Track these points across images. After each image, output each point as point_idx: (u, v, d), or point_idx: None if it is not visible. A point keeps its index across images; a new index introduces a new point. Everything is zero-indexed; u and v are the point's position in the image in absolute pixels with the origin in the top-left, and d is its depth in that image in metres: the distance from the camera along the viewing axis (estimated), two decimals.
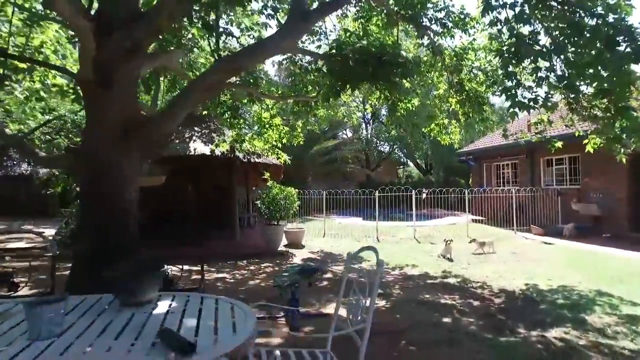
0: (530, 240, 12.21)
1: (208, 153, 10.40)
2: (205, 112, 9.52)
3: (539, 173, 15.66)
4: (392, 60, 5.92)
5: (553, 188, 14.68)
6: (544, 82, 4.99)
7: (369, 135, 30.48)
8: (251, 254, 10.01)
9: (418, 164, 36.75)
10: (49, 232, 11.21)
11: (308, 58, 8.23)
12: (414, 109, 8.67)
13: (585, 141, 6.40)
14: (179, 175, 14.55)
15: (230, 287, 7.07)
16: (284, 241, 11.85)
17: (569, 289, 6.50)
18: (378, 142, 31.38)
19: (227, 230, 11.91)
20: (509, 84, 5.00)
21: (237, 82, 7.91)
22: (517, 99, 4.79)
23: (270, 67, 48.87)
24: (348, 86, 6.61)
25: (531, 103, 4.85)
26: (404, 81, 7.59)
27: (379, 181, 32.24)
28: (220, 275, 7.96)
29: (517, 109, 4.82)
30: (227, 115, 8.93)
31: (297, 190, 11.10)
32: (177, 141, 10.81)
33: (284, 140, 11.04)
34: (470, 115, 8.22)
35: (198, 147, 10.56)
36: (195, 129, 11.58)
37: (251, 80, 8.18)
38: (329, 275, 7.94)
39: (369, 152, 30.54)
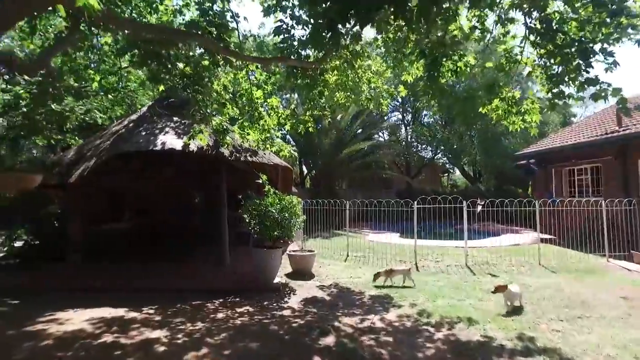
0: (637, 274, 8.49)
1: (178, 148, 7.70)
2: (161, 88, 6.81)
3: (637, 179, 11.72)
4: None
5: None
6: None
7: (408, 137, 26.94)
8: (231, 290, 7.15)
9: (465, 170, 32.71)
10: None
11: None
12: (466, 69, 5.52)
13: None
14: (160, 180, 12.16)
15: None
16: (288, 268, 8.92)
17: None
18: (419, 145, 27.76)
19: (217, 250, 9.19)
20: None
21: (187, 31, 5.14)
22: None
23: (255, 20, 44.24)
24: (350, 15, 3.69)
25: None
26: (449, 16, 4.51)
27: (420, 190, 28.68)
28: (148, 333, 5.07)
29: None
30: (189, 90, 6.19)
31: (299, 199, 8.12)
32: (144, 133, 8.22)
33: (287, 127, 8.19)
34: (568, 78, 4.87)
35: (168, 140, 7.89)
36: (174, 119, 8.96)
37: (212, 29, 5.36)
38: (331, 338, 4.89)
39: (409, 157, 27.05)
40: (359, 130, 22.92)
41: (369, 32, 18.39)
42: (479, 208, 11.41)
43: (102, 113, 13.55)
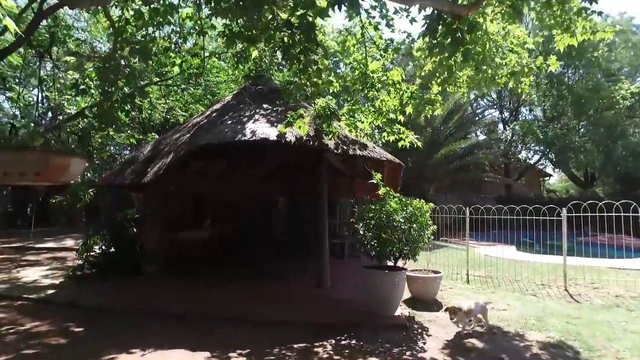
0: None
1: (272, 138, 6.02)
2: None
3: None
4: None
5: None
6: None
7: (509, 136, 23.43)
8: (339, 325, 5.26)
9: (573, 174, 28.19)
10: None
11: None
12: None
13: None
14: (246, 182, 10.72)
15: None
16: (405, 293, 6.85)
17: None
18: (521, 144, 24.05)
19: (311, 266, 7.44)
20: None
21: None
22: None
23: None
24: None
25: None
26: None
27: (522, 195, 25.03)
28: None
29: None
30: (295, 51, 4.42)
31: (430, 204, 6.01)
32: (229, 122, 6.70)
33: (409, 109, 6.24)
34: None
35: (259, 129, 6.26)
36: (264, 106, 7.39)
37: None
38: None
39: (511, 158, 23.59)
40: (453, 129, 20.19)
41: None
42: None
43: (183, 111, 12.63)
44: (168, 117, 11.63)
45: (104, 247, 7.56)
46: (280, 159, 8.66)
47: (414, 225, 5.64)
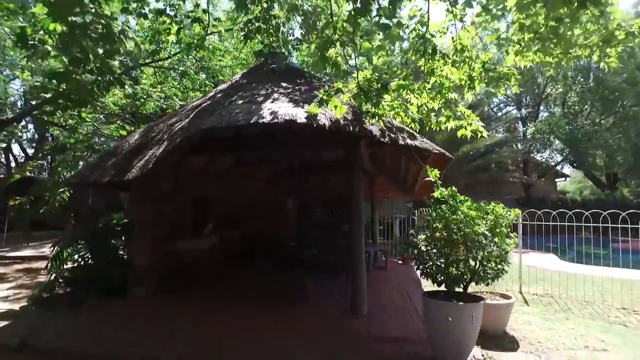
0: None
1: (300, 120, 4.47)
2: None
3: None
4: None
5: None
6: None
7: (532, 133, 21.80)
8: None
9: (594, 174, 26.67)
10: None
11: None
12: None
13: None
14: (259, 180, 9.13)
15: None
16: None
17: None
18: (546, 143, 22.44)
19: (334, 282, 5.92)
20: None
21: None
22: None
23: None
24: None
25: None
26: None
27: (543, 197, 23.55)
28: None
29: None
30: None
31: (515, 210, 4.45)
32: (240, 101, 5.15)
33: (477, 85, 4.76)
34: None
35: (281, 109, 4.69)
36: (283, 84, 5.84)
37: None
38: None
39: (533, 156, 22.03)
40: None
41: None
42: None
43: (182, 100, 11.06)
44: (164, 106, 10.07)
45: (82, 261, 5.98)
46: (303, 152, 7.11)
47: (496, 239, 4.11)
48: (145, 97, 10.15)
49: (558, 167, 27.34)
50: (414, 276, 9.21)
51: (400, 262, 10.72)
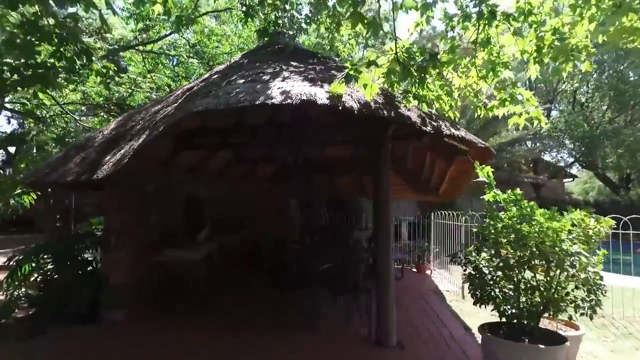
0: None
1: (322, 101, 3.42)
2: None
3: None
4: None
5: None
6: None
7: (546, 131, 20.73)
8: None
9: (605, 175, 25.66)
10: None
11: None
12: None
13: None
14: (261, 176, 8.04)
15: None
16: None
17: None
18: (561, 141, 21.33)
19: (358, 304, 4.88)
20: None
21: None
22: None
23: None
24: None
25: None
26: None
27: (554, 198, 22.56)
28: None
29: None
30: None
31: (607, 219, 3.44)
32: (241, 80, 4.09)
33: (545, 58, 3.73)
34: None
35: (295, 88, 3.64)
36: (293, 63, 4.79)
37: None
38: None
39: (545, 155, 21.03)
40: (485, 122, 17.59)
41: None
42: None
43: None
44: (155, 96, 9.01)
45: (45, 278, 4.90)
46: (316, 145, 6.06)
47: (593, 259, 3.07)
48: (133, 87, 9.07)
49: (568, 167, 26.39)
50: (432, 286, 8.20)
51: (414, 269, 9.74)
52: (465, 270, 3.62)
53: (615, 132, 17.35)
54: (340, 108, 3.38)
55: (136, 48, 7.63)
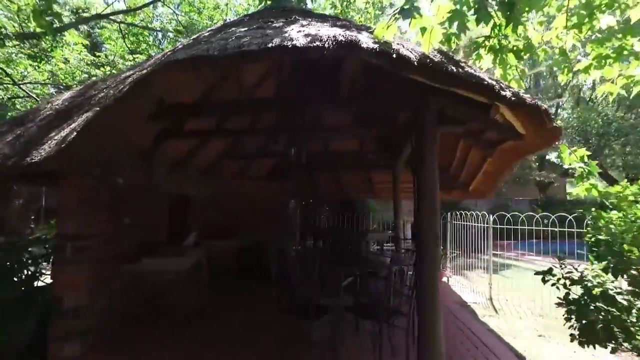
0: None
1: (366, 44, 2.29)
2: None
3: None
4: None
5: None
6: None
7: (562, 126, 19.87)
8: None
9: (610, 174, 24.86)
10: None
11: None
12: None
13: None
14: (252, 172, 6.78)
15: None
16: None
17: None
18: (569, 140, 20.48)
19: (386, 328, 3.75)
20: None
21: None
22: None
23: None
24: None
25: None
26: None
27: (561, 198, 21.77)
28: None
29: None
30: None
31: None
32: (244, 29, 2.93)
33: None
34: None
35: (322, 31, 2.51)
36: (307, 19, 3.64)
37: None
38: None
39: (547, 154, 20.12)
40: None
41: None
42: None
43: None
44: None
45: None
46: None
47: None
48: (113, 70, 7.86)
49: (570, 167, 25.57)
50: (455, 297, 7.12)
51: None
52: (567, 294, 2.51)
53: (632, 128, 16.47)
54: (394, 56, 2.24)
55: (110, 18, 6.40)
